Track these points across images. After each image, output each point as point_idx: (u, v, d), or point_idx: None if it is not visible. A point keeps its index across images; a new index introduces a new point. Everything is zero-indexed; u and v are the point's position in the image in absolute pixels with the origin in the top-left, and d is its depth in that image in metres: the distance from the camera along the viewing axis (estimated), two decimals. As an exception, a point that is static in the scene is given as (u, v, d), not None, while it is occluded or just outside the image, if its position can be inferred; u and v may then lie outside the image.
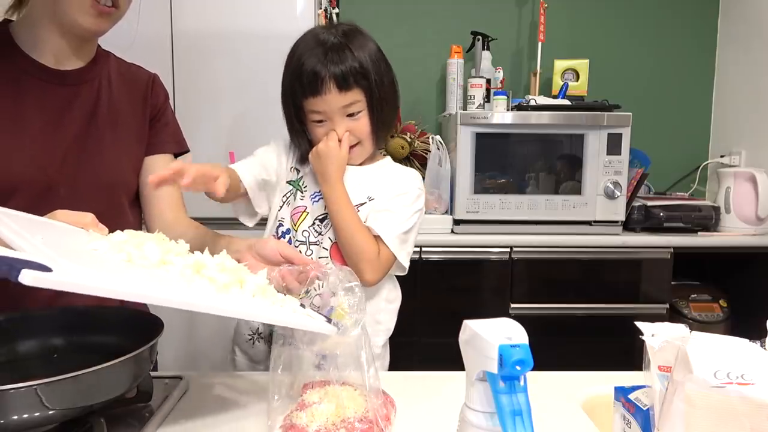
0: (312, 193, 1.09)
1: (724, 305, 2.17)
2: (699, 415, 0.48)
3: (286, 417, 0.75)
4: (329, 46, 0.99)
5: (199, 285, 0.69)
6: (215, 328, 1.93)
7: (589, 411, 0.82)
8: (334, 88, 0.98)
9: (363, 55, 1.00)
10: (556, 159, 2.08)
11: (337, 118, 1.02)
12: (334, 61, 0.98)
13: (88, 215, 0.72)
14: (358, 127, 1.03)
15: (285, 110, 1.08)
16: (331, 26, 1.05)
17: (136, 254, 0.68)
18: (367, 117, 1.04)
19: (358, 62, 0.99)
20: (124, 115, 1.02)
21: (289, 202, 1.11)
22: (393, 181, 1.10)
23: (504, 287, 2.00)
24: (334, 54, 0.98)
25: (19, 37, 0.93)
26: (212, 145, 1.88)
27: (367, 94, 1.02)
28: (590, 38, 2.52)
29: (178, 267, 0.70)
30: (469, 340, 0.51)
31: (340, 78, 0.98)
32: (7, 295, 0.91)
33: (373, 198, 1.08)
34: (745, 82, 2.40)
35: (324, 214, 1.07)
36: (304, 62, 1.00)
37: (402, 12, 2.50)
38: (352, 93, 1.00)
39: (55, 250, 0.59)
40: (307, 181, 1.11)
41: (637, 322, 0.60)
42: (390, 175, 1.12)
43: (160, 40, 1.84)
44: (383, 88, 1.03)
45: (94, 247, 0.68)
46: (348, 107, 1.01)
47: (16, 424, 0.60)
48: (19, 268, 0.52)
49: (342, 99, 1.00)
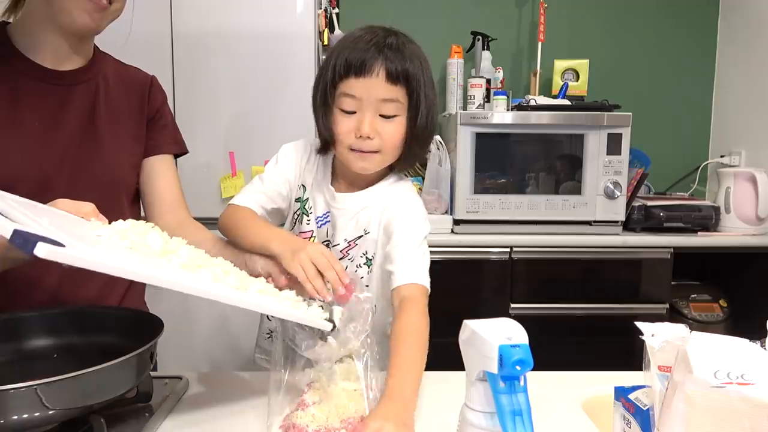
0: (316, 217, 1.04)
1: (724, 305, 2.16)
2: (699, 415, 0.48)
3: (286, 417, 0.75)
4: (390, 42, 0.92)
5: (203, 274, 0.69)
6: (215, 329, 1.93)
7: (589, 411, 0.82)
8: (382, 74, 0.90)
9: (418, 59, 0.94)
10: (556, 159, 2.08)
11: (369, 111, 0.92)
12: (391, 51, 0.91)
13: (88, 205, 0.72)
14: (388, 130, 0.93)
15: (316, 90, 0.98)
16: (394, 30, 0.98)
17: (139, 242, 0.68)
18: (403, 125, 0.95)
19: (413, 64, 0.93)
20: (122, 115, 1.02)
21: (298, 222, 1.06)
22: (384, 206, 1.01)
23: (504, 287, 2.00)
24: (393, 47, 0.92)
25: (16, 38, 0.93)
26: (212, 145, 1.88)
27: (410, 99, 0.94)
28: (590, 38, 2.52)
29: (182, 259, 0.70)
30: (469, 340, 0.51)
31: (392, 69, 0.91)
32: (7, 295, 0.92)
33: (368, 231, 1.01)
34: (745, 82, 2.40)
35: (326, 241, 1.04)
36: (355, 46, 0.92)
37: (402, 12, 2.50)
38: (397, 89, 0.92)
39: (62, 231, 0.59)
40: (311, 201, 1.05)
41: (637, 322, 0.60)
42: (385, 200, 1.02)
43: (159, 39, 1.84)
44: (427, 103, 0.95)
45: (98, 234, 0.68)
46: (386, 103, 0.92)
47: (16, 424, 0.61)
48: (35, 241, 0.52)
49: (385, 90, 0.91)
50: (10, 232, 0.53)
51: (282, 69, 1.87)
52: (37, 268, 0.91)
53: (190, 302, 1.87)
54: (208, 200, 1.87)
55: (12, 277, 0.90)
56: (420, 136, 0.96)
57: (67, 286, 0.95)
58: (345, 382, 0.77)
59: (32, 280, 0.93)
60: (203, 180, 1.88)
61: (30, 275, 0.92)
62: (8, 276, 0.88)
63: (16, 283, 0.92)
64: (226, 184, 1.89)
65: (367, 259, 1.03)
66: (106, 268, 0.56)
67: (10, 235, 0.53)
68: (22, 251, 0.52)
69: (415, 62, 0.93)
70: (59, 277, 0.94)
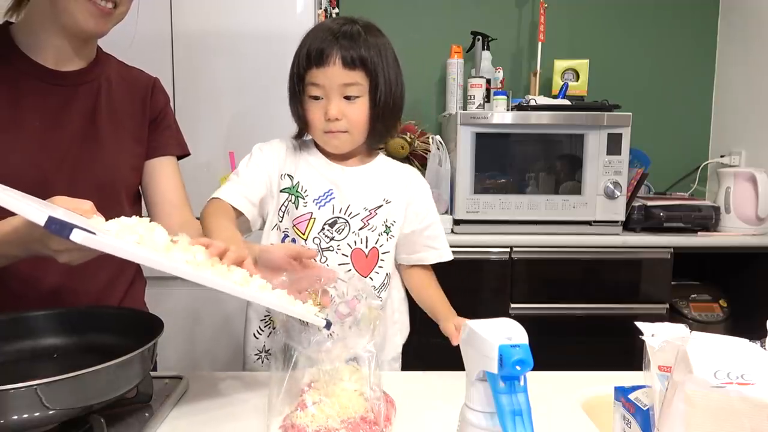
0: (315, 198, 1.06)
1: (724, 305, 2.16)
2: (699, 415, 0.48)
3: (286, 417, 0.75)
4: (345, 30, 1.00)
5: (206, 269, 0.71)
6: (216, 329, 1.93)
7: (589, 411, 0.82)
8: (339, 62, 0.98)
9: (374, 44, 1.01)
10: (556, 159, 2.08)
11: (333, 96, 1.00)
12: (345, 40, 0.99)
13: (87, 202, 0.72)
14: (352, 111, 1.01)
15: (290, 83, 1.07)
16: (350, 18, 1.05)
17: (148, 237, 0.68)
18: (365, 105, 1.02)
19: (368, 49, 1.00)
20: (124, 116, 1.02)
21: (289, 211, 1.06)
22: (404, 182, 1.12)
23: (504, 287, 2.00)
24: (347, 36, 0.99)
25: (19, 38, 0.93)
26: (212, 145, 1.88)
27: (370, 81, 1.01)
28: (590, 38, 2.52)
29: (187, 256, 0.70)
30: (469, 340, 0.51)
31: (347, 56, 0.98)
32: (7, 295, 0.92)
33: (390, 201, 1.09)
34: (745, 82, 2.40)
35: (334, 218, 1.05)
36: (316, 36, 1.01)
37: (402, 12, 2.50)
38: (355, 73, 0.99)
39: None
40: (305, 185, 1.07)
41: (637, 322, 0.60)
42: (395, 174, 1.13)
43: (160, 40, 1.84)
44: (388, 83, 1.02)
45: (107, 228, 0.68)
46: (347, 87, 1.00)
47: (16, 424, 0.61)
48: (71, 227, 0.54)
49: (344, 76, 0.99)
50: (44, 219, 0.54)
51: (282, 69, 1.84)
52: (35, 268, 0.91)
53: (191, 302, 1.87)
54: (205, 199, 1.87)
55: (12, 278, 0.90)
56: (383, 113, 1.04)
57: (66, 286, 0.95)
58: (345, 382, 0.77)
59: (32, 280, 0.93)
60: (203, 180, 1.87)
61: (30, 275, 0.92)
62: (8, 276, 0.89)
63: (15, 283, 0.92)
64: (226, 184, 1.90)
65: (386, 227, 1.09)
66: (135, 257, 0.60)
67: (45, 221, 0.54)
68: (57, 236, 0.54)
69: (372, 47, 1.00)
70: (59, 277, 0.94)
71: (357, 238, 1.06)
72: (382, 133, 1.08)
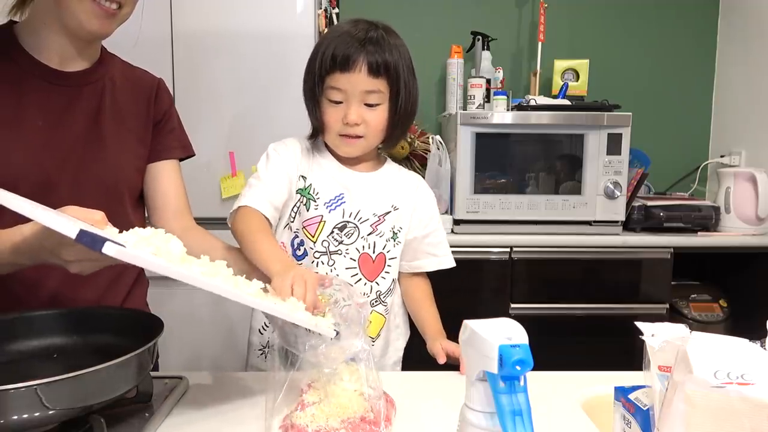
0: (327, 201, 1.06)
1: (724, 305, 2.16)
2: (699, 415, 0.48)
3: (286, 417, 0.75)
4: (370, 36, 1.00)
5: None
6: (216, 329, 1.93)
7: (589, 411, 0.82)
8: (364, 69, 0.98)
9: (397, 52, 1.02)
10: (556, 159, 2.08)
11: (354, 101, 1.00)
12: (372, 45, 0.99)
13: (98, 213, 0.71)
14: (372, 117, 1.02)
15: (306, 83, 1.06)
16: (371, 22, 1.05)
17: (164, 248, 0.68)
18: (385, 112, 1.03)
19: (393, 57, 1.00)
20: (128, 117, 1.02)
21: (300, 213, 1.07)
22: (411, 189, 1.14)
23: (504, 287, 2.00)
24: (373, 42, 0.99)
25: (23, 38, 0.93)
26: (212, 145, 1.88)
27: (392, 89, 1.02)
28: (590, 38, 2.52)
29: (202, 268, 0.70)
30: (469, 340, 0.51)
31: (373, 63, 0.98)
32: (7, 295, 0.92)
33: (398, 207, 1.10)
34: (745, 82, 2.40)
35: (343, 222, 1.05)
36: (340, 40, 1.00)
37: (402, 12, 2.50)
38: (378, 81, 1.00)
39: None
40: (317, 187, 1.07)
41: (637, 322, 0.60)
42: (403, 181, 1.15)
43: (160, 40, 1.84)
44: (407, 91, 1.04)
45: (124, 239, 0.68)
46: (369, 94, 1.00)
47: (16, 424, 0.61)
48: (103, 240, 0.55)
49: (367, 83, 0.99)
50: (76, 232, 0.55)
51: (282, 69, 1.87)
52: (37, 272, 0.91)
53: (191, 303, 1.87)
54: (208, 200, 1.87)
55: (13, 281, 0.90)
56: (401, 120, 1.05)
57: (66, 289, 0.95)
58: (345, 382, 0.77)
59: (32, 283, 0.92)
60: (203, 180, 1.88)
61: (30, 279, 0.92)
62: (9, 279, 0.88)
63: (17, 286, 0.91)
64: (226, 184, 1.90)
65: (394, 233, 1.09)
66: (168, 272, 0.61)
67: (77, 234, 0.55)
68: (89, 249, 0.55)
69: (395, 53, 1.01)
70: (61, 281, 0.94)
71: (365, 243, 1.07)
72: (399, 138, 1.10)
